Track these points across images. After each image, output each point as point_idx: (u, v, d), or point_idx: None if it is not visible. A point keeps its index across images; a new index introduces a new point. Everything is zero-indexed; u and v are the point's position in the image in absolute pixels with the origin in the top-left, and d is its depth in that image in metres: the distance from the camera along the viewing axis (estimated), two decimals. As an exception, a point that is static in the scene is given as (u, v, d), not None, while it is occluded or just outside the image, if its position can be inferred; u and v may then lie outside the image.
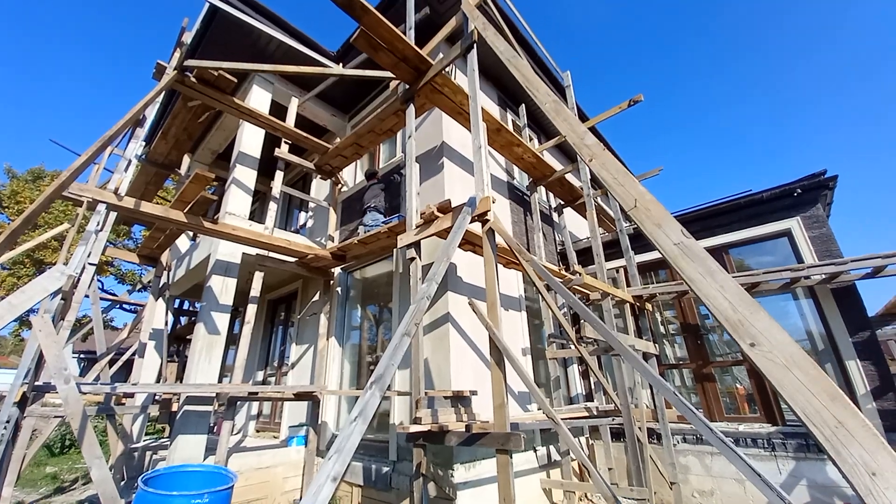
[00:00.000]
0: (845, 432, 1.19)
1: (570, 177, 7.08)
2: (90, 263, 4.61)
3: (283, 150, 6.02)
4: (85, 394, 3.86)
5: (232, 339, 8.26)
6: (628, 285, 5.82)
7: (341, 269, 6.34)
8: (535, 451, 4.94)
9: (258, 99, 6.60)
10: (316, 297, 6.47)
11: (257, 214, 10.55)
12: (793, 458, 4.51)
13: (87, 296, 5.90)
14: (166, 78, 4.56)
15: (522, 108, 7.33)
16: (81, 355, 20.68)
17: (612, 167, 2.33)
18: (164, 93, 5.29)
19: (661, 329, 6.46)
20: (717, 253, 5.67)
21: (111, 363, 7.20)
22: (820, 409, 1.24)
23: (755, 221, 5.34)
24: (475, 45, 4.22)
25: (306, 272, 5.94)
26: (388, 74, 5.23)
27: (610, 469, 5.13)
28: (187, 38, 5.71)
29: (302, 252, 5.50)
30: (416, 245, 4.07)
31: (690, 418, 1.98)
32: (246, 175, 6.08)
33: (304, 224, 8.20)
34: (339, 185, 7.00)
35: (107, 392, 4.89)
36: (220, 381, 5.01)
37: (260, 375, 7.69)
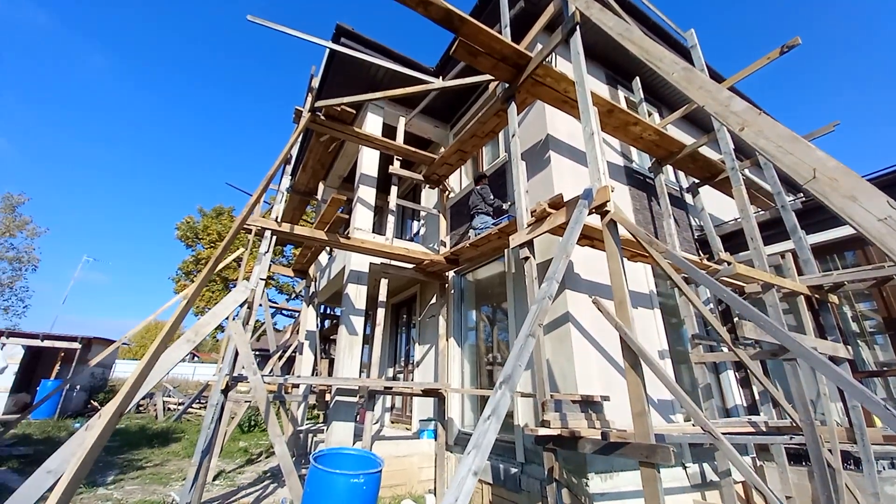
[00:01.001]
0: None
1: (704, 150, 6.08)
2: (261, 279, 5.76)
3: (395, 167, 6.58)
4: (266, 383, 4.81)
5: (365, 340, 9.34)
6: (799, 274, 4.69)
7: (454, 272, 6.60)
8: (686, 467, 4.33)
9: (372, 124, 7.36)
10: (433, 300, 6.88)
11: (376, 227, 11.75)
12: None
13: (260, 305, 7.44)
14: (303, 120, 5.41)
15: (637, 82, 6.59)
16: (256, 353, 25.98)
17: (774, 133, 1.91)
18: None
19: (853, 327, 5.05)
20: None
21: (279, 359, 8.84)
22: None
23: None
24: (578, 26, 3.96)
25: (423, 277, 6.36)
26: (488, 77, 5.29)
27: (788, 497, 4.18)
28: (315, 83, 6.72)
29: (419, 258, 5.91)
30: (530, 244, 3.99)
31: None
32: (367, 193, 6.82)
33: (418, 232, 8.81)
34: (447, 193, 7.32)
35: (280, 382, 6.01)
36: (359, 376, 5.71)
37: (390, 372, 8.51)
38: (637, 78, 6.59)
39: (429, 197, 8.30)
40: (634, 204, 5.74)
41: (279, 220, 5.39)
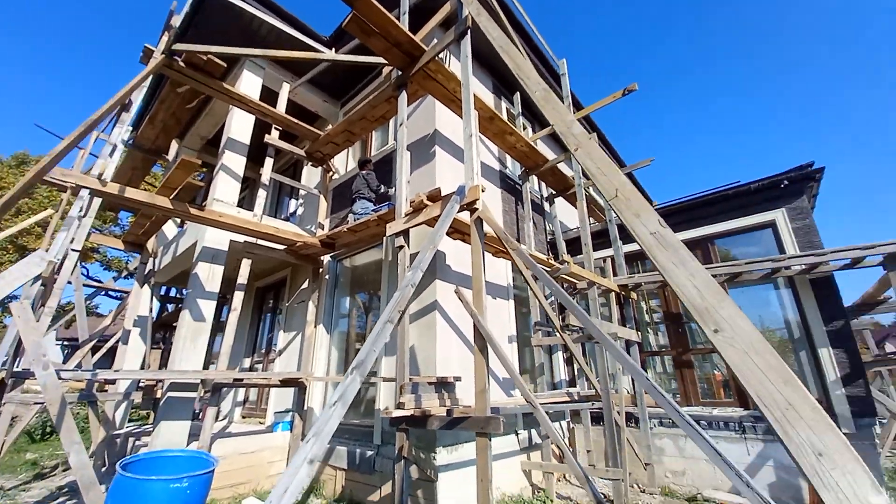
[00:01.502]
0: (794, 414, 1.24)
1: (562, 166, 7.10)
2: (73, 249, 4.55)
3: (273, 137, 5.95)
4: (65, 380, 3.83)
5: (220, 327, 8.23)
6: (615, 275, 5.89)
7: (331, 257, 6.32)
8: (517, 434, 5.03)
9: (249, 84, 6.49)
10: (305, 285, 6.46)
11: (246, 201, 10.44)
12: (761, 441, 4.67)
13: (70, 282, 5.84)
14: (153, 62, 4.45)
15: (517, 97, 7.30)
16: (65, 342, 20.38)
17: (597, 156, 2.35)
18: (151, 78, 5.20)
19: (647, 318, 6.59)
20: (703, 243, 5.76)
21: (95, 350, 7.15)
22: (772, 392, 1.29)
23: (741, 212, 5.43)
24: (469, 30, 4.18)
25: (295, 260, 5.92)
26: (381, 60, 5.17)
27: (588, 451, 5.26)
28: (176, 21, 5.58)
29: (290, 240, 5.47)
30: (405, 233, 4.07)
31: (661, 402, 2.04)
32: (235, 161, 6.00)
33: (295, 212, 8.14)
34: (331, 173, 6.94)
35: (88, 378, 4.85)
36: (205, 367, 5.01)
37: (247, 362, 7.69)
38: (518, 93, 7.31)
39: (311, 175, 7.74)
40: (504, 206, 6.38)
41: (103, 177, 4.33)
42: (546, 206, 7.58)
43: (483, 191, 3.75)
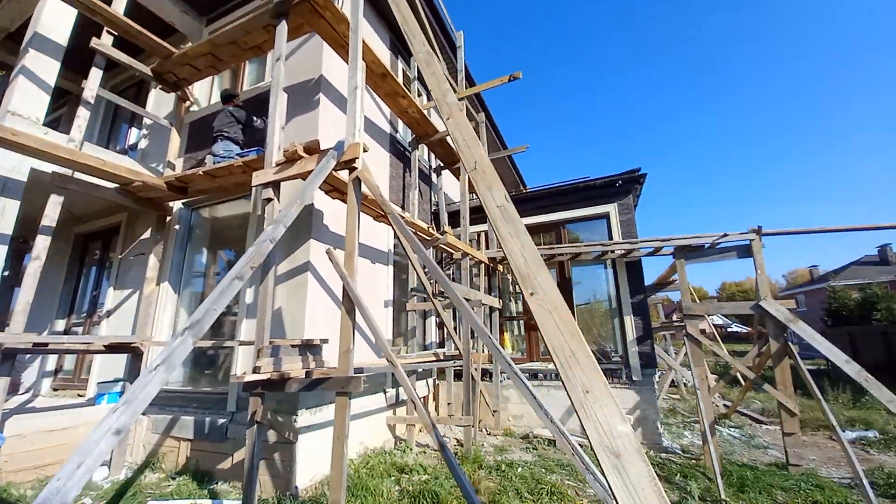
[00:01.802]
0: (574, 360, 1.58)
1: (452, 140, 7.28)
2: None
3: (103, 42, 4.64)
4: None
5: (17, 280, 6.42)
6: (487, 248, 6.45)
7: (183, 204, 5.40)
8: (385, 392, 5.29)
9: (63, -40, 4.84)
10: (146, 235, 5.42)
11: (63, 123, 8.09)
12: (583, 390, 5.87)
13: None
14: None
15: (414, 60, 7.09)
16: None
17: (465, 129, 2.45)
18: None
19: (511, 288, 7.45)
20: (558, 226, 6.71)
21: None
22: (562, 343, 1.62)
23: (588, 203, 6.45)
24: (361, -30, 3.83)
25: (132, 203, 4.88)
26: (257, -23, 4.40)
27: (449, 403, 5.87)
28: None
29: (124, 177, 4.47)
30: (275, 186, 3.70)
31: (497, 357, 2.36)
32: (43, 66, 4.51)
33: (136, 145, 6.63)
34: (188, 103, 5.79)
35: None
36: (-10, 329, 3.87)
37: (61, 325, 6.22)
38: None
39: (160, 102, 6.33)
40: (392, 171, 6.29)
41: None
42: (434, 177, 7.74)
43: (365, 150, 3.61)
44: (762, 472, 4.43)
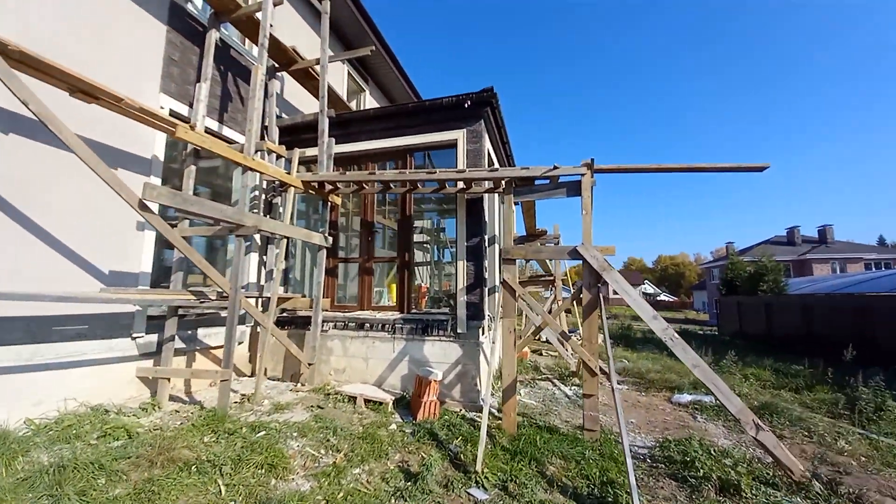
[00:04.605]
0: None
1: (281, 36, 5.64)
2: None
3: None
4: None
5: None
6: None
7: None
8: (134, 338, 4.18)
9: None
10: None
11: None
12: (405, 340, 5.15)
13: None
14: None
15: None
16: None
17: None
18: None
19: (345, 222, 6.39)
20: (404, 154, 5.61)
21: None
22: None
23: (435, 127, 5.37)
24: None
25: None
26: None
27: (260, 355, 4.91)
28: None
29: None
30: None
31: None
32: None
33: None
34: None
35: None
36: None
37: None
38: None
39: None
40: (170, 51, 4.72)
41: None
42: (264, 80, 6.20)
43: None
44: (559, 436, 3.95)
